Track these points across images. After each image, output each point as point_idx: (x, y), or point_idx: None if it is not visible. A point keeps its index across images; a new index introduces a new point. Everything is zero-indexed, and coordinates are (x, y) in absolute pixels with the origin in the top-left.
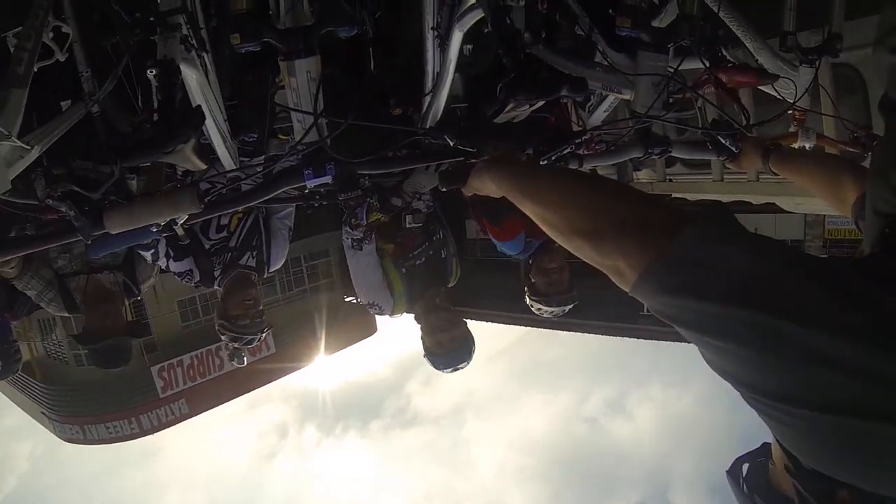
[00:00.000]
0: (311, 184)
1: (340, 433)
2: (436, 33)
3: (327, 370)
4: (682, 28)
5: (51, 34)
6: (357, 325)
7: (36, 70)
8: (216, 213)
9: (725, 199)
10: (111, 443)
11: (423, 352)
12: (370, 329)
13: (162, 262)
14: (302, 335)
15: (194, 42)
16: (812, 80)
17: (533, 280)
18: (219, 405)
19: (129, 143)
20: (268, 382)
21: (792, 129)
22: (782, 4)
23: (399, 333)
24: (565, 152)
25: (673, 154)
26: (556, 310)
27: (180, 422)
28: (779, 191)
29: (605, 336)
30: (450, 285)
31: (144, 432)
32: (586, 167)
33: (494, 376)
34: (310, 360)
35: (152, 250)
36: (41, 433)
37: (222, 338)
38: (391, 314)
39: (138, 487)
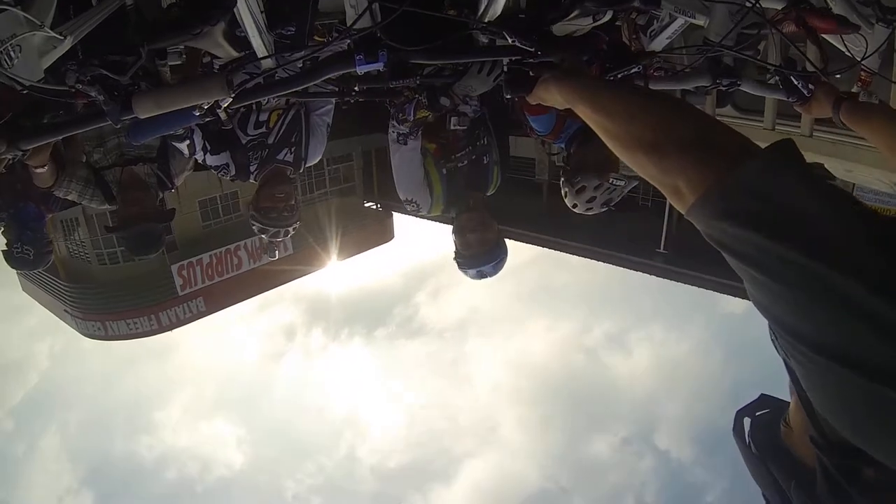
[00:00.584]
0: (361, 69)
1: (345, 339)
2: None
3: (338, 275)
4: None
5: None
6: (375, 231)
7: None
8: (253, 100)
9: None
10: (131, 339)
11: (452, 255)
12: (388, 235)
13: (199, 155)
14: (320, 238)
15: None
16: (886, 40)
17: (584, 161)
18: (235, 304)
19: (156, 24)
20: (283, 283)
21: (854, 90)
22: None
23: (415, 242)
24: (632, 72)
25: (742, 88)
26: (619, 184)
27: (197, 319)
28: (831, 152)
29: (617, 267)
30: (489, 192)
31: (163, 329)
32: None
33: (502, 296)
34: (326, 263)
35: (188, 141)
36: (62, 331)
37: (253, 228)
38: (427, 213)
39: (153, 383)
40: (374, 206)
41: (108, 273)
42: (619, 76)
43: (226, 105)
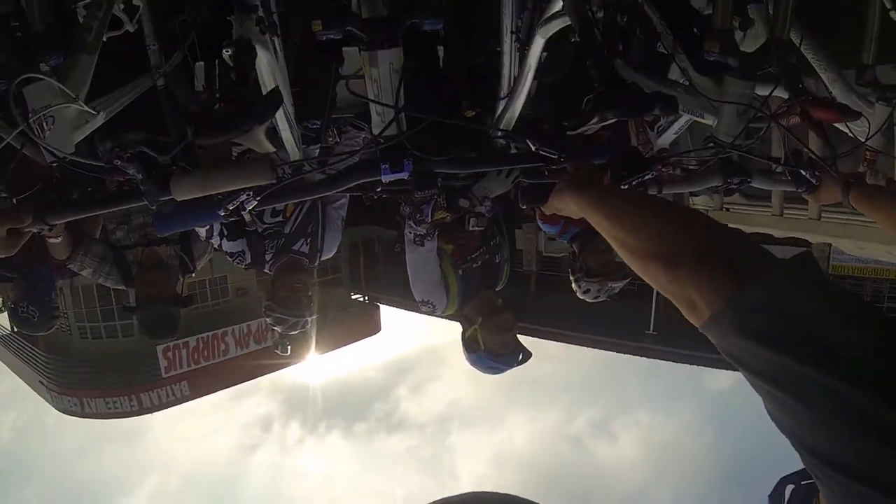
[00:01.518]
0: (386, 178)
1: (324, 432)
2: (515, 37)
3: (320, 366)
4: (770, 54)
5: (121, 6)
6: (361, 324)
7: (105, 40)
8: (281, 202)
9: (782, 234)
10: (108, 418)
11: (465, 353)
12: (374, 328)
13: (215, 240)
14: (307, 329)
15: (267, 24)
16: (887, 119)
17: (587, 264)
18: (219, 391)
19: (208, 118)
20: (269, 372)
21: (861, 170)
22: (862, 35)
23: (400, 335)
24: (646, 178)
25: (752, 185)
26: (616, 285)
27: (180, 403)
28: (840, 232)
29: (603, 352)
30: (498, 288)
31: (143, 410)
32: (665, 194)
33: (483, 388)
34: (313, 353)
35: (206, 227)
36: (33, 403)
37: (267, 320)
38: (442, 313)
39: (121, 465)
40: (361, 299)
41: (89, 347)
42: (634, 183)
43: (251, 207)
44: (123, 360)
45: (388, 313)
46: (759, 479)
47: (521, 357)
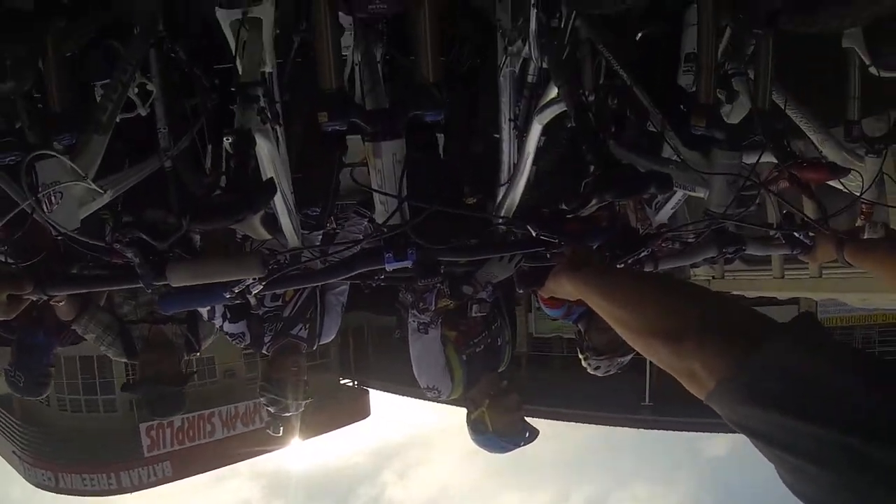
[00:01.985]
0: (390, 267)
1: None
2: (513, 124)
3: (305, 451)
4: (754, 124)
5: (136, 89)
6: (350, 408)
7: (117, 121)
8: (290, 287)
9: (785, 296)
10: (84, 496)
11: (473, 434)
12: (363, 412)
13: (217, 321)
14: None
15: (269, 114)
16: (879, 170)
17: (593, 343)
18: (202, 472)
19: (202, 206)
20: (255, 455)
21: (858, 224)
22: (844, 93)
23: (387, 420)
24: (641, 256)
25: (747, 252)
26: (625, 360)
27: (161, 484)
28: (844, 287)
29: (601, 427)
30: (500, 370)
31: (123, 490)
32: (661, 269)
33: (472, 472)
34: (300, 437)
35: (208, 308)
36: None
37: (261, 400)
38: (447, 398)
39: None
40: (351, 383)
41: (68, 420)
42: (629, 261)
43: (256, 291)
44: (103, 436)
45: (377, 397)
46: None
47: (528, 435)
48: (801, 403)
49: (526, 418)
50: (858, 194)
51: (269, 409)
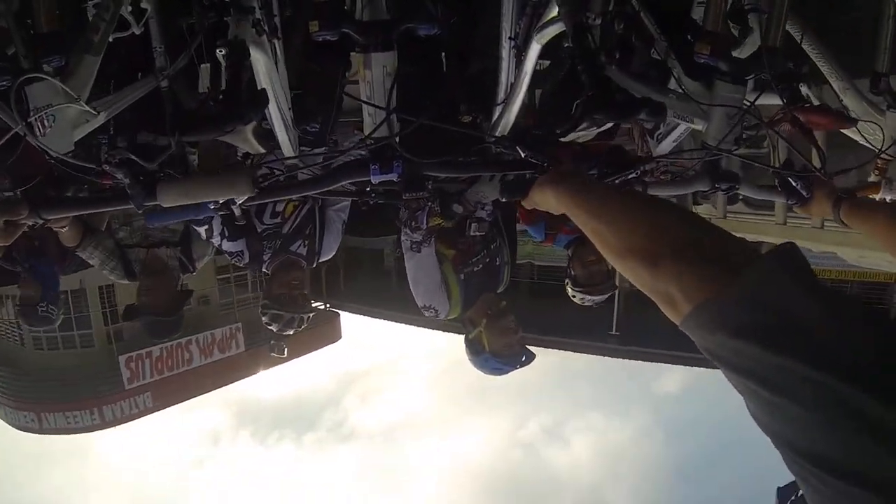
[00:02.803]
0: (376, 179)
1: (274, 443)
2: (513, 44)
3: (269, 377)
4: (762, 60)
5: (129, 7)
6: (322, 332)
7: (110, 40)
8: (272, 199)
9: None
10: (68, 433)
11: (470, 355)
12: (335, 335)
13: (215, 240)
14: (269, 337)
15: (266, 27)
16: None
17: (574, 273)
18: (182, 401)
19: (190, 118)
20: (233, 381)
21: (872, 179)
22: (876, 43)
23: (354, 345)
24: (630, 177)
25: (740, 192)
26: (597, 298)
27: (143, 416)
28: (843, 241)
29: (569, 353)
30: (499, 291)
31: (106, 424)
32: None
33: (434, 396)
34: (276, 362)
35: (206, 226)
36: None
37: (263, 319)
38: (445, 317)
39: (61, 485)
40: (322, 307)
41: (45, 360)
42: (617, 181)
43: (241, 201)
44: (83, 371)
45: (348, 320)
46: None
47: (524, 358)
48: (775, 335)
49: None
50: (880, 150)
51: (270, 327)
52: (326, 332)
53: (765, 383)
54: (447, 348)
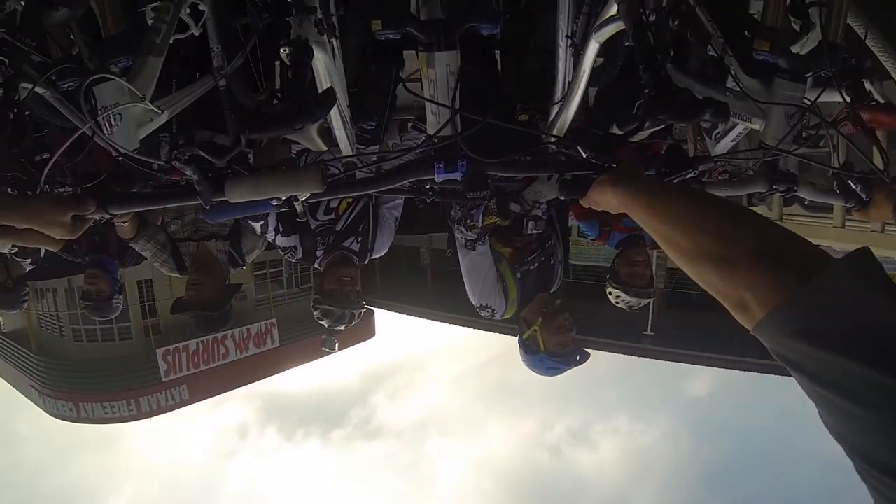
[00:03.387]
0: (440, 178)
1: (301, 439)
2: (570, 42)
3: (297, 373)
4: (823, 57)
5: (187, 10)
6: (357, 329)
7: (171, 42)
8: (337, 196)
9: (844, 247)
10: (105, 423)
11: (524, 355)
12: (369, 333)
13: (270, 235)
14: (305, 333)
15: (326, 25)
16: None
17: (617, 269)
18: (217, 395)
19: (260, 115)
20: (267, 377)
21: None
22: None
23: (388, 342)
24: (688, 177)
25: (798, 194)
26: (633, 300)
27: (179, 408)
28: None
29: (606, 353)
30: (552, 290)
31: (143, 415)
32: None
33: (462, 395)
34: (309, 358)
35: (262, 221)
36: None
37: (315, 313)
38: (501, 317)
39: (95, 473)
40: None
41: (85, 351)
42: (675, 181)
43: (304, 198)
44: (121, 363)
45: (382, 318)
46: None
47: (579, 358)
48: (850, 341)
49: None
50: None
51: (322, 322)
52: (361, 329)
53: (838, 390)
54: (478, 346)
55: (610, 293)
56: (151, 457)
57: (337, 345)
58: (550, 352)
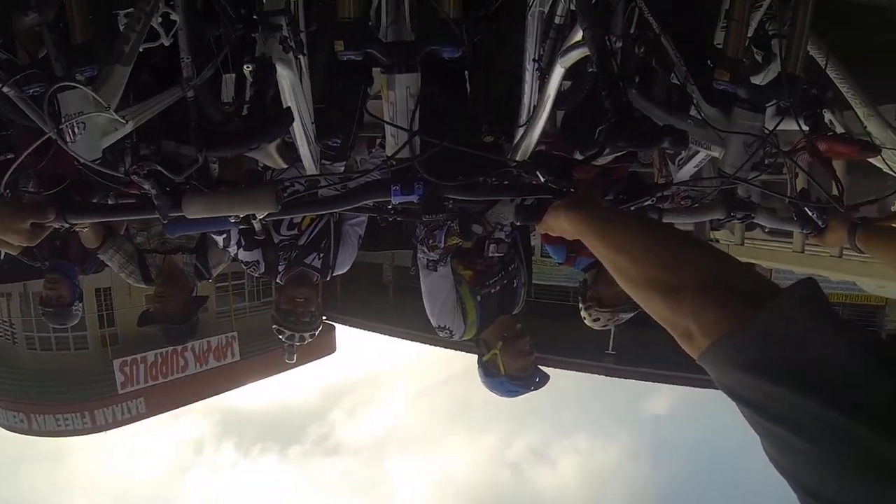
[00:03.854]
0: (396, 200)
1: (258, 455)
2: (537, 65)
3: (259, 388)
4: (783, 88)
5: (159, 19)
6: (318, 344)
7: (140, 51)
8: (293, 215)
9: (802, 272)
10: (57, 436)
11: (483, 377)
12: (330, 348)
13: (232, 249)
14: (266, 347)
15: (293, 44)
16: None
17: (598, 294)
18: (175, 409)
19: (217, 134)
20: (226, 390)
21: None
22: None
23: (348, 358)
24: (645, 204)
25: (755, 221)
26: (623, 317)
27: (135, 421)
28: (862, 271)
29: (568, 371)
30: (514, 312)
31: (98, 428)
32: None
33: (422, 412)
34: (270, 372)
35: (224, 236)
36: None
37: (273, 328)
38: (460, 338)
39: (41, 486)
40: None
41: (39, 360)
42: (632, 208)
43: (262, 216)
44: (75, 373)
45: (343, 333)
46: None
47: (538, 380)
48: (795, 374)
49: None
50: None
51: (280, 336)
52: (321, 345)
53: (782, 422)
54: (439, 364)
55: (597, 319)
56: (104, 471)
57: (295, 356)
58: (510, 375)
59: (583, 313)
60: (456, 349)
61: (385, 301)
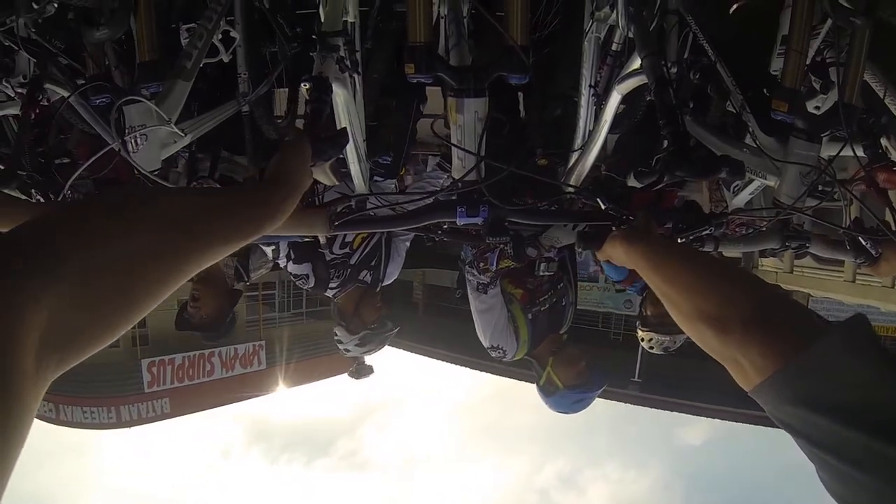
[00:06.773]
0: (461, 222)
1: (284, 464)
2: (593, 91)
3: (289, 397)
4: (839, 117)
5: (220, 36)
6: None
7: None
8: (359, 230)
9: (853, 301)
10: (83, 428)
11: (546, 399)
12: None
13: (281, 261)
14: (292, 357)
15: (349, 63)
16: None
17: (646, 313)
18: (198, 411)
19: (272, 152)
20: (250, 398)
21: None
22: None
23: (381, 372)
24: (703, 233)
25: (809, 250)
26: (666, 339)
27: (159, 420)
28: None
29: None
30: (562, 332)
31: (122, 424)
32: (724, 253)
33: (453, 433)
34: (295, 383)
35: (273, 246)
36: None
37: (348, 344)
38: (513, 358)
39: (67, 480)
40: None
41: None
42: (690, 237)
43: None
44: (105, 370)
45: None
46: None
47: (599, 381)
48: (841, 407)
49: (512, 381)
50: None
51: (350, 351)
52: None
53: (839, 455)
54: (471, 385)
55: (643, 339)
56: (127, 468)
57: (363, 372)
58: (569, 385)
59: (640, 334)
60: (486, 371)
61: (415, 319)
